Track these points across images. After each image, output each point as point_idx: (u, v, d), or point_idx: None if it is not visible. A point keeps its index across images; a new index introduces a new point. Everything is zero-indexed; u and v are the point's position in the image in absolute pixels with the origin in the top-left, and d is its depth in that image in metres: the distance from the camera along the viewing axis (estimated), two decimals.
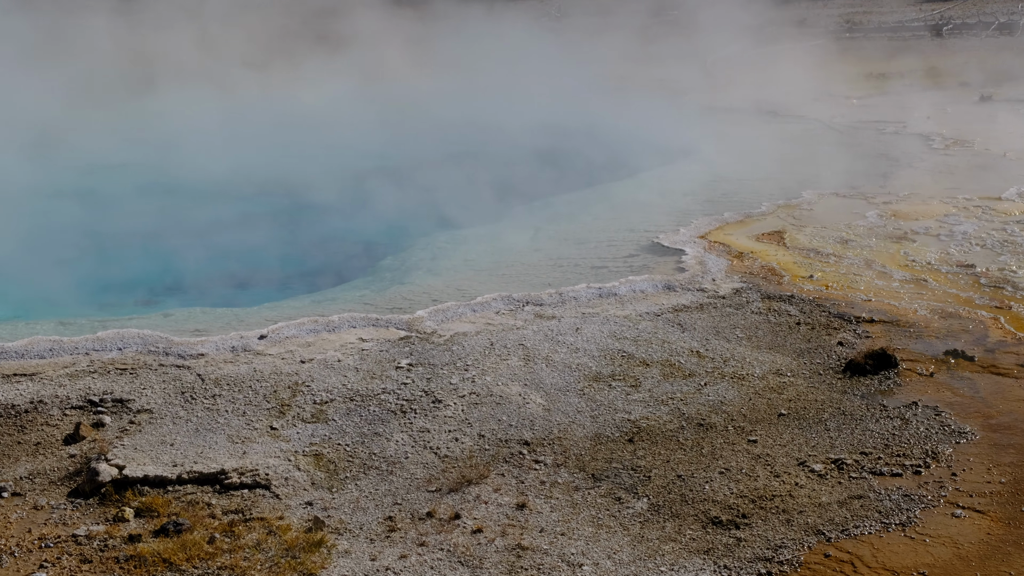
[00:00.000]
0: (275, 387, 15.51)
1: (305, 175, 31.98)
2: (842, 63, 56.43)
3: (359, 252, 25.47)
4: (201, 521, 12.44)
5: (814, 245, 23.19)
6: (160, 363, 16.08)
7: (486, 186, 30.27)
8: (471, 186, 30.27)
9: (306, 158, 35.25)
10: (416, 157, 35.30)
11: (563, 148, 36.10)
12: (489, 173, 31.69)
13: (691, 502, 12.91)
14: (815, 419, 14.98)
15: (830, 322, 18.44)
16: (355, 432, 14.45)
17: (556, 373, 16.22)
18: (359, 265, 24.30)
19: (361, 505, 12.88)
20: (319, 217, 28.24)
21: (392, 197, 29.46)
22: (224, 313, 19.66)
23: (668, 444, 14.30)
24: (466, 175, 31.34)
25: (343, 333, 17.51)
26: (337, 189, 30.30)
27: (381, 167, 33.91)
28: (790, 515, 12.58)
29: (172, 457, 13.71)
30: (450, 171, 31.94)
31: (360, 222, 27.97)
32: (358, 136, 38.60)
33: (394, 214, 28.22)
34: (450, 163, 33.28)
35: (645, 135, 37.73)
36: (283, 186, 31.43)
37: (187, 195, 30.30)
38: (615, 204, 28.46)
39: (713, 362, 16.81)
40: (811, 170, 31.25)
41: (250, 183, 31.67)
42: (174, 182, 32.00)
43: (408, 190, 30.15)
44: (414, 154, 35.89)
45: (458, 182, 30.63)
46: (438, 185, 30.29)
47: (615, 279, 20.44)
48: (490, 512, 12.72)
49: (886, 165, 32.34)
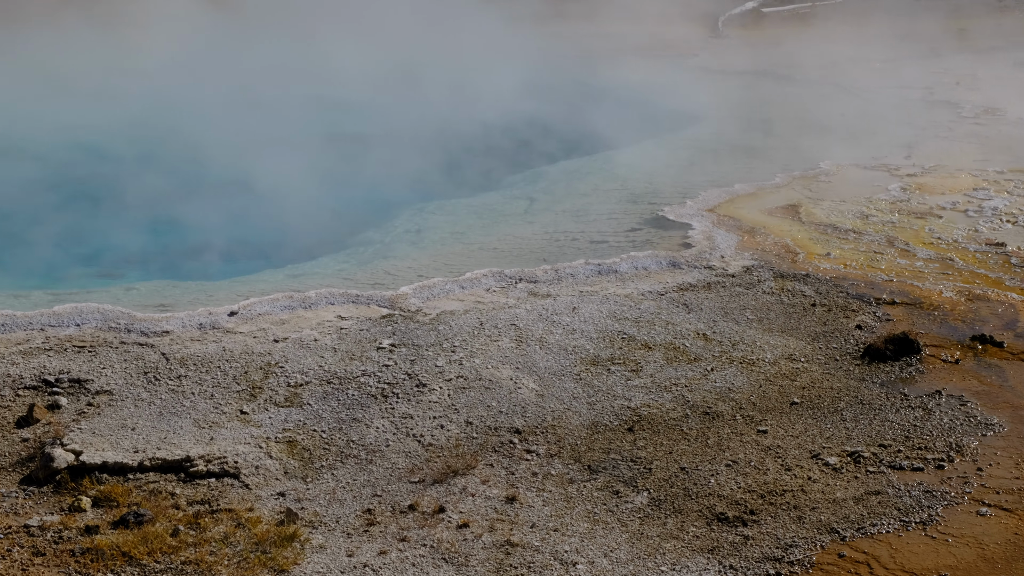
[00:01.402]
0: (246, 368, 15.46)
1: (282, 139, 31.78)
2: (863, 25, 56.28)
3: (339, 223, 25.34)
4: (164, 512, 12.39)
5: (832, 220, 23.16)
6: (121, 340, 16.01)
7: (476, 154, 30.14)
8: (460, 154, 30.12)
9: (285, 119, 34.99)
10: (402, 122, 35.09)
11: (560, 113, 35.95)
12: (479, 140, 31.53)
13: (695, 497, 12.90)
14: (830, 408, 14.97)
15: (848, 304, 18.42)
16: (332, 417, 14.41)
17: (551, 356, 16.19)
18: (338, 237, 24.18)
19: (338, 496, 12.86)
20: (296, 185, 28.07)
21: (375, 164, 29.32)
22: (191, 287, 19.58)
23: (671, 434, 14.29)
24: (455, 142, 31.18)
25: (320, 310, 17.45)
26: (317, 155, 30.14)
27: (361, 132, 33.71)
28: (802, 512, 12.58)
29: (133, 442, 13.66)
30: (439, 137, 31.77)
31: (340, 191, 27.83)
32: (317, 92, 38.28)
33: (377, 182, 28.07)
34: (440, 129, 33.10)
35: (649, 99, 37.60)
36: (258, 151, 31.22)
37: (120, 159, 29.98)
38: (617, 174, 28.38)
39: (721, 346, 16.79)
40: (827, 139, 31.17)
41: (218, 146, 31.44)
42: (107, 142, 31.62)
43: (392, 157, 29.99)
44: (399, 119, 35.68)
45: (447, 149, 30.48)
46: (426, 152, 30.13)
47: (616, 255, 20.40)
48: (477, 505, 12.71)
49: (911, 134, 32.30)
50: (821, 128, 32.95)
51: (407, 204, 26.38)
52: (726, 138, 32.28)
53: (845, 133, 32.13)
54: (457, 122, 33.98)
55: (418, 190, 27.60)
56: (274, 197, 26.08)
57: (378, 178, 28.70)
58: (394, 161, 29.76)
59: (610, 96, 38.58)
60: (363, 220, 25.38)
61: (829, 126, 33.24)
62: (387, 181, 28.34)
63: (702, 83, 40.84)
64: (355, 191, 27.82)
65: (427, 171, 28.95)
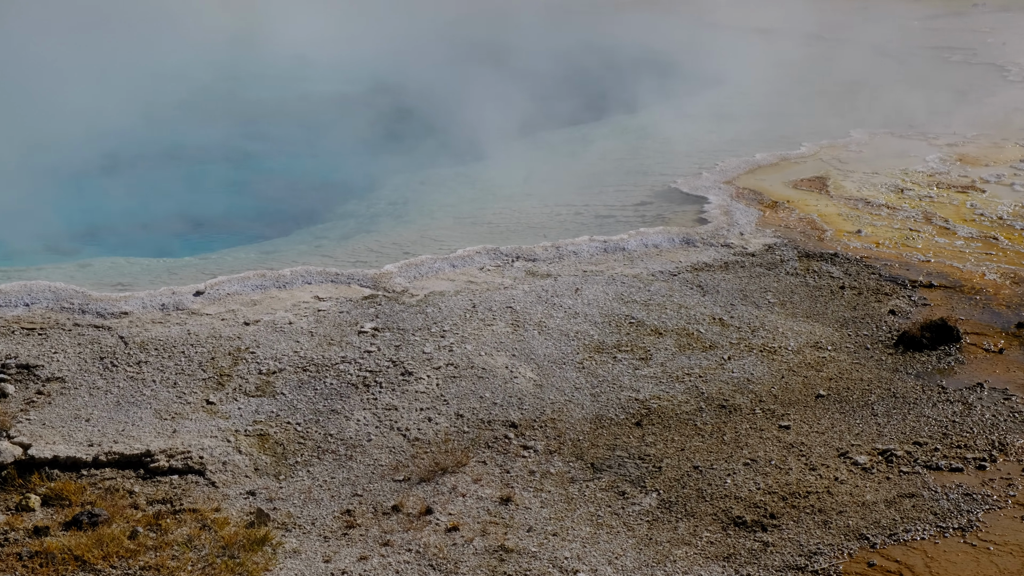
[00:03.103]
0: (213, 353, 15.43)
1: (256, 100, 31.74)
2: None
3: (316, 193, 25.32)
4: (121, 512, 12.37)
5: (863, 194, 23.12)
6: (75, 322, 15.97)
7: (469, 117, 30.09)
8: (452, 117, 30.08)
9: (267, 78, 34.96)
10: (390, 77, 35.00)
11: (563, 73, 35.89)
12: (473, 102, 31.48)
13: (709, 498, 12.90)
14: (860, 402, 14.96)
15: (880, 286, 18.40)
16: (308, 409, 14.39)
17: (550, 342, 16.18)
18: (316, 209, 24.16)
19: (314, 496, 12.84)
20: (269, 151, 28.04)
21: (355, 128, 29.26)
22: (153, 264, 19.55)
23: (683, 429, 14.29)
24: (446, 104, 31.13)
25: (296, 290, 17.43)
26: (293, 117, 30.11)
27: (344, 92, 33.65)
28: (828, 516, 12.58)
29: (88, 435, 13.63)
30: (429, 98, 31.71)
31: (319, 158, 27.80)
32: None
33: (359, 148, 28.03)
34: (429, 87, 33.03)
35: (664, 59, 37.55)
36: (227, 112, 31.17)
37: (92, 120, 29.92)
38: (626, 141, 28.39)
39: (739, 332, 16.78)
40: (859, 104, 31.13)
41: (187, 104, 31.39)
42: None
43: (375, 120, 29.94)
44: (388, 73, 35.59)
45: (437, 111, 30.43)
46: (414, 114, 30.08)
47: (623, 231, 20.37)
48: (468, 507, 12.70)
49: (951, 99, 32.28)
50: (851, 92, 32.88)
51: (392, 172, 26.34)
52: (747, 102, 32.18)
53: (877, 97, 32.03)
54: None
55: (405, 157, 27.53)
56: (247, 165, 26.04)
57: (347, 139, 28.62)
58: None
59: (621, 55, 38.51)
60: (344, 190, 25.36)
61: (860, 90, 33.17)
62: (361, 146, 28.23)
63: (719, 41, 40.77)
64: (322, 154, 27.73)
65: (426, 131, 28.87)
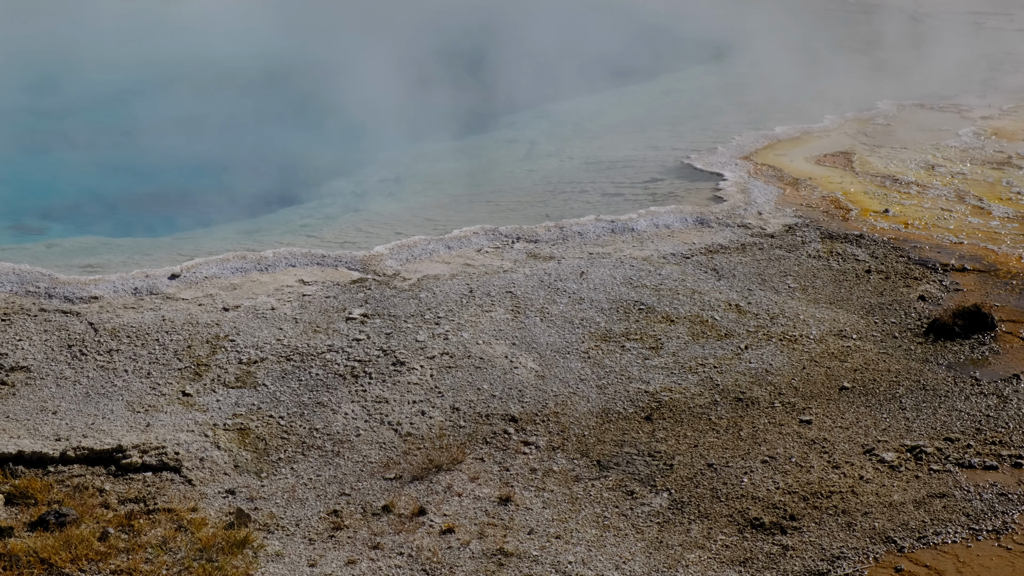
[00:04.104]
0: (189, 341, 15.42)
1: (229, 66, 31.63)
2: None
3: (301, 169, 25.26)
4: (91, 512, 12.37)
5: (891, 171, 23.10)
6: (41, 307, 15.95)
7: (467, 87, 30.01)
8: (447, 87, 30.01)
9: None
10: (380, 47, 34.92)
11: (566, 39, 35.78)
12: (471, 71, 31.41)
13: (725, 499, 12.90)
14: (887, 395, 14.96)
15: (909, 270, 18.39)
16: (292, 401, 14.39)
17: (554, 330, 16.17)
18: (301, 185, 24.11)
19: (298, 495, 12.85)
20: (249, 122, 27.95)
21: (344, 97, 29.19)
22: (125, 244, 19.53)
23: (696, 424, 14.28)
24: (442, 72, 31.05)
25: (279, 273, 17.40)
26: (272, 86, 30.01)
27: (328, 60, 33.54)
28: (852, 517, 12.58)
29: (55, 429, 13.63)
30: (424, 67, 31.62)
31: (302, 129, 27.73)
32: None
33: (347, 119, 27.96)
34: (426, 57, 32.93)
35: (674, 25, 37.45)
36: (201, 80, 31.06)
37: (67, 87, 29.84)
38: (634, 113, 28.33)
39: (757, 319, 16.76)
40: (886, 73, 31.05)
41: None
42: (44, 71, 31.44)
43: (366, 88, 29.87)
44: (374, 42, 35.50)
45: (431, 82, 30.35)
46: (406, 84, 30.00)
47: (632, 210, 20.34)
48: (465, 507, 12.70)
49: (986, 69, 32.22)
50: (877, 59, 32.81)
51: (383, 146, 26.29)
52: (762, 71, 32.11)
53: (906, 66, 31.96)
54: None
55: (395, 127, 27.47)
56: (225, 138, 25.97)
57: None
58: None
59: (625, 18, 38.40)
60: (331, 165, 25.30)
61: (886, 57, 33.10)
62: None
63: (732, 4, 40.66)
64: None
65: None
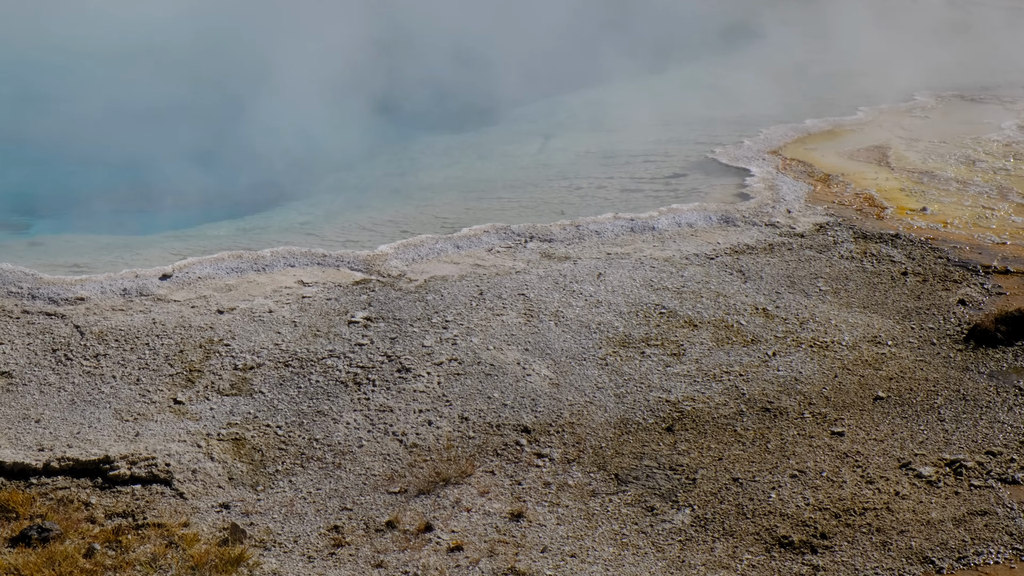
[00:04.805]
0: (181, 346, 15.42)
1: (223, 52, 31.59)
2: None
3: (300, 163, 25.26)
4: (76, 526, 12.36)
5: (929, 166, 23.04)
6: (24, 309, 15.97)
7: (477, 76, 30.01)
8: (456, 76, 30.01)
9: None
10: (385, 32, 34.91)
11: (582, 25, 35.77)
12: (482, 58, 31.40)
13: (751, 515, 12.85)
14: (925, 405, 14.89)
15: (948, 272, 18.32)
16: (290, 410, 14.37)
17: (569, 335, 16.14)
18: (300, 181, 24.11)
19: (297, 510, 12.82)
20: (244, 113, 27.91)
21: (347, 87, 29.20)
22: (114, 242, 19.54)
23: (721, 435, 14.23)
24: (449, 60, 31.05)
25: (277, 274, 17.41)
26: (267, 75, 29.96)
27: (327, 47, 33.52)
28: (887, 536, 12.52)
29: (38, 438, 13.63)
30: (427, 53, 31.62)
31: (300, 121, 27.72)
32: None
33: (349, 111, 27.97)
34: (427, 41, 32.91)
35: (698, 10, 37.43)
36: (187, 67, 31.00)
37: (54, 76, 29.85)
38: (655, 104, 28.26)
39: (786, 324, 16.71)
40: (923, 62, 30.98)
41: None
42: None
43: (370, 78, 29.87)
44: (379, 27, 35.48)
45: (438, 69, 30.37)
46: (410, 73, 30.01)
47: (653, 207, 20.32)
48: (474, 523, 12.66)
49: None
50: (914, 48, 32.75)
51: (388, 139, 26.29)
52: (792, 58, 32.09)
53: (945, 55, 31.91)
54: None
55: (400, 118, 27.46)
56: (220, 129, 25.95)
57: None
58: None
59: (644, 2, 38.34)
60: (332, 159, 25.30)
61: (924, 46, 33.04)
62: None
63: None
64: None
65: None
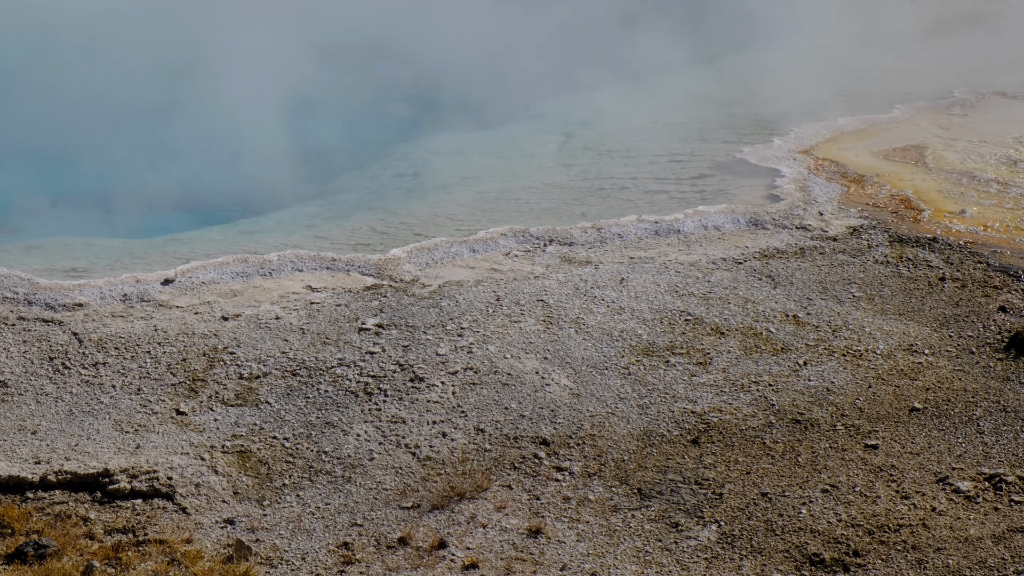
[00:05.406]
0: (184, 354, 15.44)
1: None
2: None
3: (309, 163, 25.29)
4: (74, 543, 12.38)
5: (968, 167, 22.97)
6: (19, 315, 16.00)
7: (495, 71, 30.03)
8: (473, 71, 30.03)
9: None
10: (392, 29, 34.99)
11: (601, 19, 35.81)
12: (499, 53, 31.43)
13: (780, 532, 12.83)
14: (963, 417, 14.85)
15: (988, 278, 18.27)
16: (298, 421, 14.38)
17: (590, 343, 16.13)
18: (309, 181, 24.14)
19: (304, 526, 12.83)
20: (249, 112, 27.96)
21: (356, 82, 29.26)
22: (113, 246, 19.57)
23: (749, 448, 14.21)
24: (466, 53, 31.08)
25: (284, 278, 17.42)
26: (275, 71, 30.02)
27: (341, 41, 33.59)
28: (923, 553, 12.48)
29: (35, 451, 13.65)
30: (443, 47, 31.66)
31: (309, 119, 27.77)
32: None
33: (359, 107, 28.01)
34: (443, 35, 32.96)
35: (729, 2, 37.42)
36: None
37: None
38: (681, 102, 28.23)
39: (817, 332, 16.68)
40: (966, 56, 30.91)
41: None
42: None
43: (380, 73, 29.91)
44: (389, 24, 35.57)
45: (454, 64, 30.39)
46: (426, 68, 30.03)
47: (678, 210, 20.28)
48: (490, 540, 12.66)
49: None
50: (953, 43, 32.67)
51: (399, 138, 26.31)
52: (824, 54, 32.03)
53: (986, 51, 31.82)
54: None
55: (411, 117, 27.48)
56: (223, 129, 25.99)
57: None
58: None
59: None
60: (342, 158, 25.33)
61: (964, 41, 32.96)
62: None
63: None
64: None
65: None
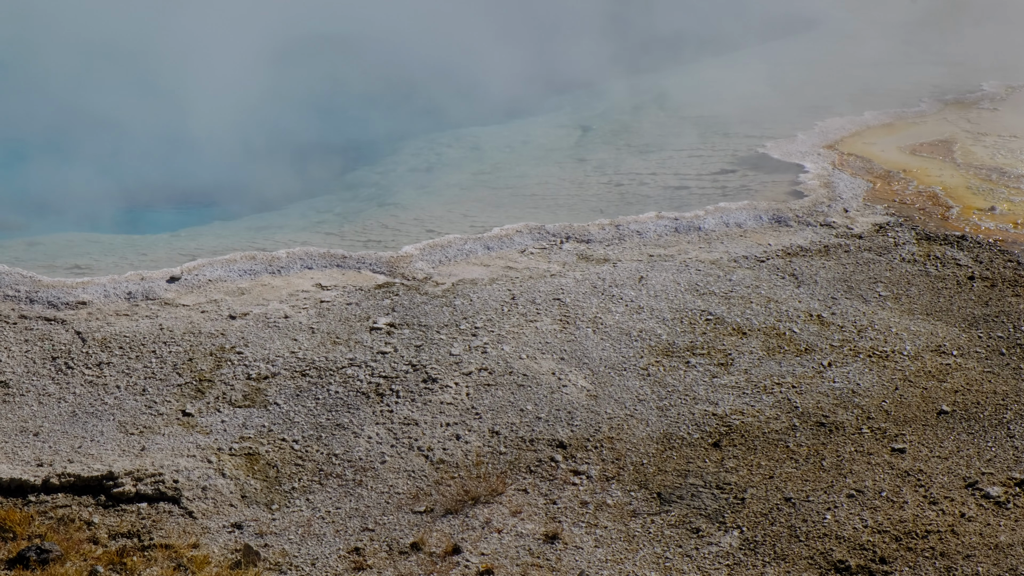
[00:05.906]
0: (191, 353, 15.48)
1: None
2: None
3: (319, 157, 25.30)
4: (77, 547, 12.41)
5: (998, 162, 22.94)
6: (21, 314, 16.04)
7: (511, 64, 30.02)
8: (489, 64, 30.01)
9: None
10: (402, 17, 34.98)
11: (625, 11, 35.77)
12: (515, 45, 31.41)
13: (804, 538, 12.84)
14: (993, 420, 14.85)
15: (1018, 277, 18.25)
16: (308, 423, 14.40)
17: (608, 343, 16.15)
18: (319, 176, 24.15)
19: (314, 530, 12.86)
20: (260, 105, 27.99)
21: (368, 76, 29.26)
22: (118, 242, 19.58)
23: (772, 452, 14.22)
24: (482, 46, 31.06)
25: (293, 276, 17.44)
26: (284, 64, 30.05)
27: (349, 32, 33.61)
28: (951, 560, 12.49)
29: (37, 453, 13.69)
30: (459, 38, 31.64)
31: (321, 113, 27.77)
32: None
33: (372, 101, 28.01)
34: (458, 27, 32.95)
35: None
36: None
37: None
38: (702, 96, 28.21)
39: (842, 332, 16.68)
40: (996, 48, 30.83)
41: None
42: None
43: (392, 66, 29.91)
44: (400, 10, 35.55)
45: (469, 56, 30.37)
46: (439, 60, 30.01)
47: (699, 206, 20.29)
48: (505, 545, 12.69)
49: None
50: (983, 35, 32.60)
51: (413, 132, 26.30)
52: (851, 47, 31.98)
53: (1017, 42, 31.74)
54: None
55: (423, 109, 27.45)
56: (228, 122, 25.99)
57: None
58: None
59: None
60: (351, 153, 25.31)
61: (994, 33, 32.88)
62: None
63: None
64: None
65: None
